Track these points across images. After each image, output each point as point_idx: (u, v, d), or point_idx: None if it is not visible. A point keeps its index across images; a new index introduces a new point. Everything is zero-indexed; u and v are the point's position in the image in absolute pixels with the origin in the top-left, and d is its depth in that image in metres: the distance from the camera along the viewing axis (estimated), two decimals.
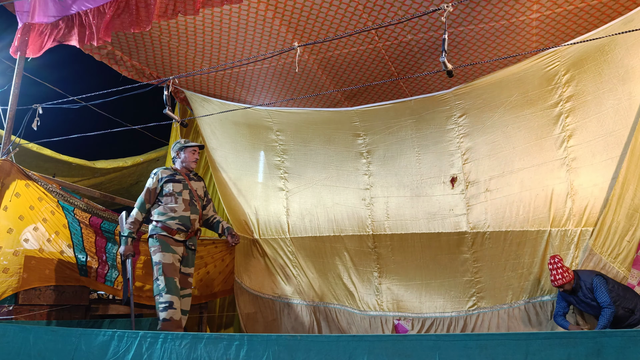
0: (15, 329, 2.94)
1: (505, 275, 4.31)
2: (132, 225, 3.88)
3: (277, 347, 2.19)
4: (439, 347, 1.91)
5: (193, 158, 4.17)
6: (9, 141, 3.87)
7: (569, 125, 3.97)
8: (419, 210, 4.49)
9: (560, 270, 3.81)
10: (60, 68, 6.44)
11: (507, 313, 4.32)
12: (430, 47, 4.46)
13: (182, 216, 3.90)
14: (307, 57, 4.69)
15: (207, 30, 4.35)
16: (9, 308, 3.53)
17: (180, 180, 4.03)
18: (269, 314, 5.12)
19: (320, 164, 4.80)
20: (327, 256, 4.93)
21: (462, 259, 4.42)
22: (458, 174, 4.33)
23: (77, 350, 2.68)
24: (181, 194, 3.97)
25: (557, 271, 3.81)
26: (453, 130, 4.26)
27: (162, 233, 3.83)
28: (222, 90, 5.36)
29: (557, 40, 4.27)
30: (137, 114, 7.09)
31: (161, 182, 3.98)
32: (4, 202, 3.56)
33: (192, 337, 2.44)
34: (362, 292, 4.85)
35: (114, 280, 4.30)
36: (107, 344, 2.61)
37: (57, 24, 3.96)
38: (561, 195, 4.03)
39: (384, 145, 4.52)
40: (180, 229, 3.89)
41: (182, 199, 3.95)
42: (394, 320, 4.69)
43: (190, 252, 4.02)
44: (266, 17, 4.13)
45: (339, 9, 3.99)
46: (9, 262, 3.53)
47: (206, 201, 4.29)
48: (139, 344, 2.53)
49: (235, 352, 2.27)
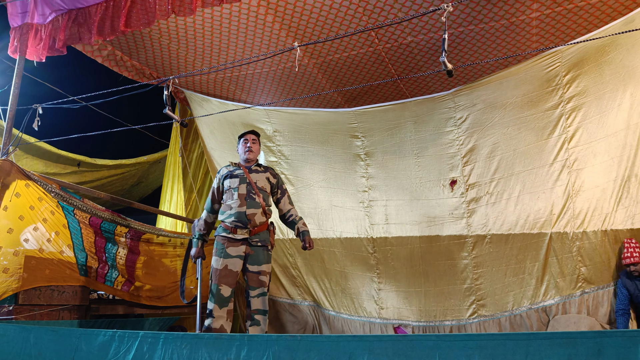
0: (15, 329, 2.94)
1: (506, 280, 4.27)
2: (201, 227, 3.85)
3: (277, 347, 2.19)
4: (439, 347, 1.91)
5: (245, 148, 3.91)
6: (9, 141, 3.87)
7: (569, 126, 3.96)
8: (418, 214, 4.46)
9: (637, 249, 3.80)
10: (60, 68, 6.45)
11: (508, 320, 4.28)
12: (430, 49, 4.46)
13: (238, 212, 3.68)
14: (307, 61, 4.69)
15: (207, 34, 4.35)
16: (9, 308, 3.53)
17: (238, 174, 3.84)
18: (269, 315, 5.12)
19: (317, 165, 4.77)
20: (325, 260, 4.91)
21: (463, 265, 4.38)
22: (458, 176, 4.30)
23: (77, 351, 2.68)
24: (237, 189, 3.76)
25: (634, 249, 3.80)
26: (453, 132, 4.24)
27: (222, 234, 3.70)
28: (221, 92, 5.36)
29: (558, 41, 4.27)
30: (137, 114, 7.09)
31: (222, 180, 3.86)
32: (4, 202, 3.56)
33: (192, 337, 2.44)
34: (361, 298, 4.81)
35: (114, 280, 4.30)
36: (108, 344, 2.61)
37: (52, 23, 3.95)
38: (562, 197, 4.02)
39: (383, 147, 4.49)
40: (238, 225, 3.67)
41: (237, 194, 3.75)
42: (394, 327, 4.67)
43: (257, 249, 3.71)
44: (266, 21, 4.13)
45: (338, 12, 3.99)
46: (9, 262, 3.52)
47: (280, 194, 3.97)
48: (140, 344, 2.53)
49: (236, 353, 2.27)
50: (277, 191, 3.97)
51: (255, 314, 3.62)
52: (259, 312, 3.62)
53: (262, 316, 3.63)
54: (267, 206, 3.83)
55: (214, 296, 3.55)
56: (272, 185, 3.95)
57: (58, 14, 3.97)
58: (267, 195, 3.88)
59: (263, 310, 3.64)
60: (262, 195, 3.80)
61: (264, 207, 3.78)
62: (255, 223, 3.71)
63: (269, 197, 3.93)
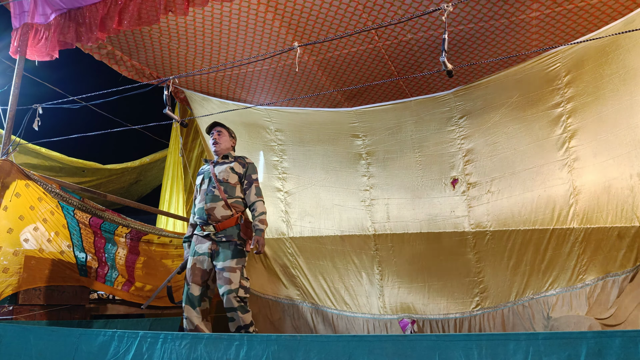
0: (15, 329, 2.94)
1: (508, 274, 4.32)
2: (189, 230, 3.82)
3: (277, 347, 2.19)
4: (439, 347, 1.91)
5: (212, 141, 3.81)
6: (9, 141, 3.87)
7: (570, 125, 3.97)
8: (419, 212, 4.48)
9: None
10: (60, 68, 6.45)
11: (511, 311, 4.32)
12: (430, 46, 4.46)
13: (199, 208, 3.63)
14: (307, 59, 4.69)
15: (207, 33, 4.35)
16: (9, 308, 3.52)
17: (205, 170, 3.79)
18: (270, 315, 5.12)
19: (319, 164, 4.79)
20: (327, 258, 4.92)
21: (464, 260, 4.41)
22: (459, 175, 4.32)
23: (77, 351, 2.68)
24: (201, 185, 3.71)
25: None
26: (454, 131, 4.26)
27: (192, 233, 3.70)
28: (222, 91, 5.36)
29: (558, 40, 4.28)
30: (137, 114, 7.09)
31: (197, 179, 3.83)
32: (4, 202, 3.56)
33: (192, 337, 2.44)
34: (365, 294, 4.83)
35: (114, 280, 4.30)
36: (107, 344, 2.61)
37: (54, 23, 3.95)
38: (564, 196, 4.03)
39: (384, 146, 4.51)
40: (202, 222, 3.61)
41: (200, 190, 3.70)
42: (399, 322, 4.69)
43: (222, 245, 3.56)
44: (266, 19, 4.13)
45: (339, 9, 3.99)
46: (9, 262, 3.52)
47: (246, 184, 3.72)
48: (139, 344, 2.53)
49: (235, 352, 2.27)
50: (244, 181, 3.74)
51: (228, 311, 3.49)
52: (229, 310, 3.48)
53: (234, 312, 3.47)
54: (230, 198, 3.61)
55: (185, 296, 3.53)
56: (240, 175, 3.73)
57: (58, 13, 3.97)
58: (232, 187, 3.65)
59: (231, 308, 3.47)
60: (222, 188, 3.61)
61: (225, 199, 3.57)
62: (217, 218, 3.56)
63: (235, 188, 3.68)
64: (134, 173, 7.29)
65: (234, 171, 3.71)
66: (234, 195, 3.65)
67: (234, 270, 3.51)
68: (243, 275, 3.58)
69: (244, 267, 3.61)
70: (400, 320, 4.66)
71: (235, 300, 3.47)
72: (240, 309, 3.49)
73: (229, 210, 3.58)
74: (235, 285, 3.48)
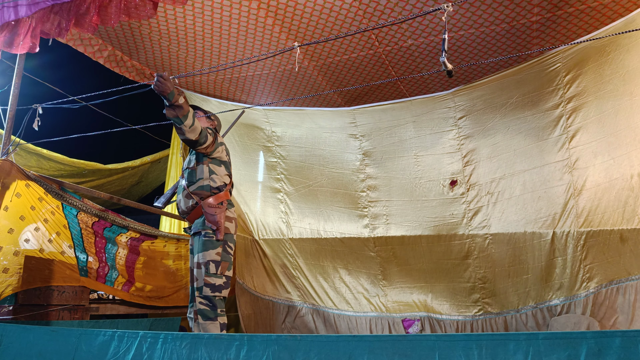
0: (15, 329, 2.94)
1: (509, 280, 4.27)
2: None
3: (277, 347, 2.18)
4: (439, 347, 1.91)
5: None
6: (9, 141, 3.87)
7: (570, 126, 3.96)
8: (418, 214, 4.46)
9: None
10: (60, 68, 6.45)
11: (514, 319, 4.27)
12: (430, 52, 4.46)
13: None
14: (307, 64, 4.68)
15: (207, 37, 4.35)
16: (9, 308, 3.53)
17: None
18: (270, 315, 5.12)
19: (316, 166, 4.78)
20: (327, 259, 4.91)
21: (465, 264, 4.38)
22: (458, 176, 4.30)
23: (77, 351, 2.67)
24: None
25: None
26: (453, 132, 4.24)
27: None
28: (221, 93, 5.36)
29: (558, 43, 4.27)
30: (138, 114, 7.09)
31: None
32: (4, 202, 3.55)
33: (192, 337, 2.44)
34: (366, 294, 4.82)
35: (114, 280, 4.30)
36: (107, 344, 2.61)
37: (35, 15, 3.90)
38: (564, 197, 4.01)
39: (382, 147, 4.50)
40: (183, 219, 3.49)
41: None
42: (402, 320, 4.67)
43: (193, 239, 3.34)
44: (266, 24, 4.13)
45: (339, 14, 3.99)
46: (9, 262, 3.52)
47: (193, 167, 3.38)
48: (139, 344, 2.53)
49: (235, 352, 2.27)
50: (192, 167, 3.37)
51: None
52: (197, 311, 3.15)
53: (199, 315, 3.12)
54: (191, 184, 3.30)
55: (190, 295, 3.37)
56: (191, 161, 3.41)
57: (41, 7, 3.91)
58: (192, 171, 3.33)
59: (199, 310, 3.13)
60: (185, 175, 3.36)
61: (186, 188, 3.31)
62: (184, 210, 3.35)
63: (195, 171, 3.34)
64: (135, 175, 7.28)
65: (192, 152, 3.40)
66: (194, 180, 3.32)
67: (199, 266, 3.21)
68: (209, 272, 3.17)
69: (211, 262, 3.19)
70: (404, 319, 4.65)
71: (198, 302, 3.16)
72: (201, 314, 3.12)
73: (191, 199, 3.30)
74: (199, 284, 3.17)
